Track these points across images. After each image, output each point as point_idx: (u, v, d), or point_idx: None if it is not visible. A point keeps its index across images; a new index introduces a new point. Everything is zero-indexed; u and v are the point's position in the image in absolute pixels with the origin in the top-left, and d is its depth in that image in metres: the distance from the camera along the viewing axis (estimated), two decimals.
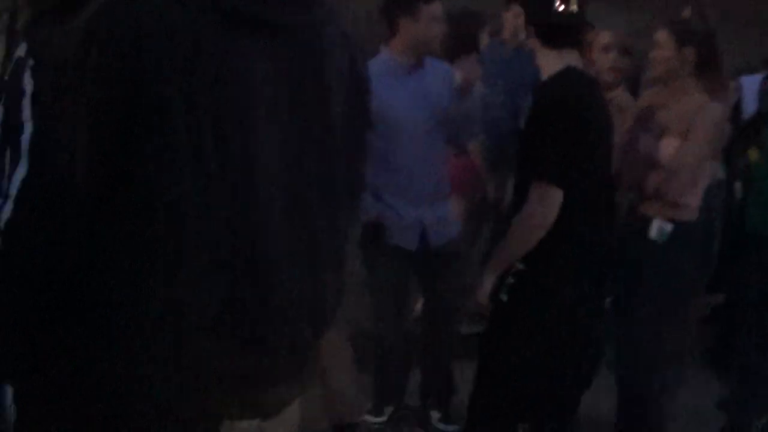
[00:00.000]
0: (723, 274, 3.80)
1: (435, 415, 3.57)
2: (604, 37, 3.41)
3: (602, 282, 2.88)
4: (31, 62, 1.12)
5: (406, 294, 3.60)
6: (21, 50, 1.15)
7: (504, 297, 2.62)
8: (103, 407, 1.13)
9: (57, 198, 1.09)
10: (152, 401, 1.14)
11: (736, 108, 4.00)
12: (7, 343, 1.10)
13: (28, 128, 1.09)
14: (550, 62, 2.62)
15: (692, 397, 3.74)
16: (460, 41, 3.73)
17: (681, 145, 2.97)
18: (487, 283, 2.66)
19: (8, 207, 1.09)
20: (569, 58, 2.61)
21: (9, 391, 1.14)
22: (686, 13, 3.69)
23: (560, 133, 2.49)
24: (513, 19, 4.17)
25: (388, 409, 3.66)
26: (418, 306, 4.54)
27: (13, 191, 1.09)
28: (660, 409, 3.29)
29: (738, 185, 3.83)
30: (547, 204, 2.48)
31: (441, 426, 3.54)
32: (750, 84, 4.10)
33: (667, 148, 2.97)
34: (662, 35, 3.04)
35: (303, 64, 1.28)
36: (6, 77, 1.16)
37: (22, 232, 1.09)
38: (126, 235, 1.09)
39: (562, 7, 2.55)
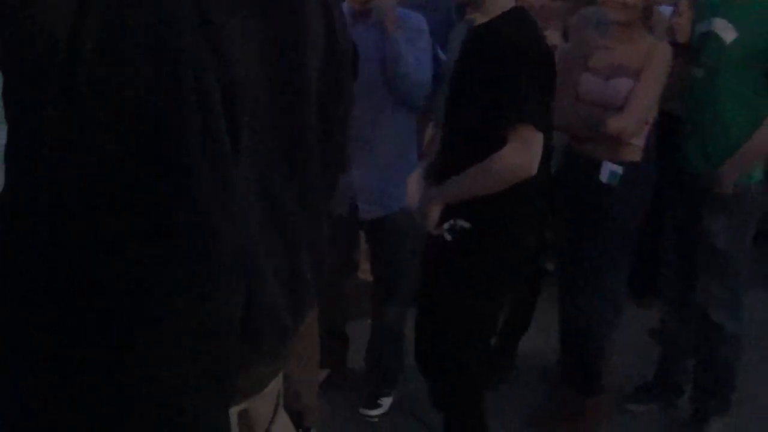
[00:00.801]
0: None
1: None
2: None
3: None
4: None
5: (349, 259, 3.49)
6: None
7: (448, 237, 2.49)
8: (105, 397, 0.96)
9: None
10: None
11: None
12: None
13: None
14: (498, 2, 2.46)
15: (625, 329, 3.87)
16: None
17: (636, 85, 2.98)
18: (434, 213, 2.50)
19: None
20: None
21: None
22: None
23: (533, 73, 2.38)
24: None
25: (321, 373, 3.58)
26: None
27: None
28: (602, 343, 3.37)
29: None
30: (532, 150, 2.35)
31: (362, 410, 3.42)
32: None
33: (622, 89, 2.98)
34: None
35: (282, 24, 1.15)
36: None
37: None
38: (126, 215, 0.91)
39: None
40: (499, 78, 2.38)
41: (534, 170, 2.35)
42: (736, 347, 3.32)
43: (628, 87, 2.98)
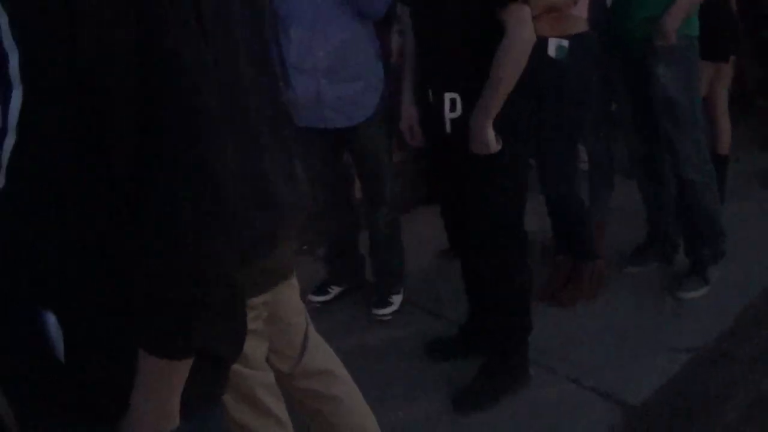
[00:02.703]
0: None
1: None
2: None
3: None
4: None
5: (333, 171, 3.51)
6: None
7: (448, 129, 2.65)
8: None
9: (59, 123, 1.04)
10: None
11: None
12: (43, 270, 1.08)
13: (14, 56, 1.02)
14: None
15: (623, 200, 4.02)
16: None
17: None
18: (488, 131, 2.58)
19: (10, 138, 1.04)
20: None
21: (52, 319, 1.09)
22: None
23: None
24: None
25: (334, 289, 3.76)
26: None
27: (12, 122, 1.03)
28: (583, 210, 3.54)
29: None
30: (529, 21, 2.52)
31: (375, 311, 3.60)
32: None
33: None
34: None
35: None
36: None
37: (27, 164, 1.05)
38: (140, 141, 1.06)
39: None
40: None
41: (534, 37, 2.56)
42: (711, 197, 3.47)
43: None
